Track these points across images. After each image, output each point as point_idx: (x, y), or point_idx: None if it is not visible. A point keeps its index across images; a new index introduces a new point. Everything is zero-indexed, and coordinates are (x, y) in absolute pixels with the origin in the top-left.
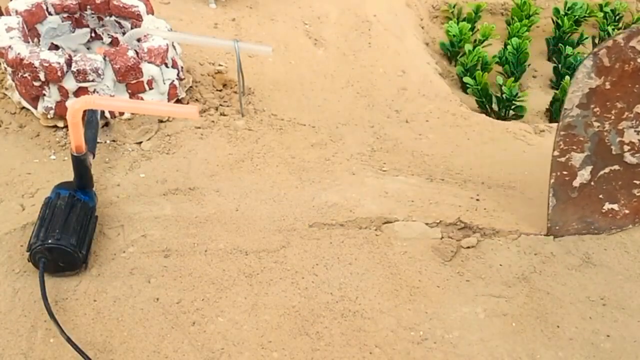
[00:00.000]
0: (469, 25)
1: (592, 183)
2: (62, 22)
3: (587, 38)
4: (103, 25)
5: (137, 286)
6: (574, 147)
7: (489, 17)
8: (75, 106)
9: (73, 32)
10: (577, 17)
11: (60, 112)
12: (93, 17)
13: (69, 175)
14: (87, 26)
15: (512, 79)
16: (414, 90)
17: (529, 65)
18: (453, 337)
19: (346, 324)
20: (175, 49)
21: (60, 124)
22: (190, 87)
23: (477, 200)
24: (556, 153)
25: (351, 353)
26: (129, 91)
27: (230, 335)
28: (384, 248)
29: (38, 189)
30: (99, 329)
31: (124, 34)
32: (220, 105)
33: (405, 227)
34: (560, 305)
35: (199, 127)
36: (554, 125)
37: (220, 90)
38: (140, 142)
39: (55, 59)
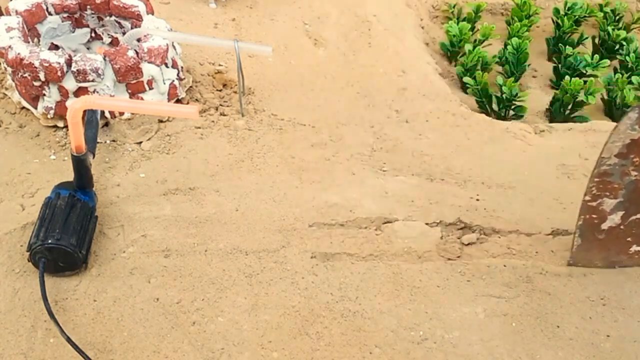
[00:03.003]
0: (469, 25)
1: (622, 227)
2: (62, 22)
3: (587, 38)
4: (103, 25)
5: (137, 286)
6: (607, 194)
7: (489, 17)
8: (75, 106)
9: (73, 32)
10: (577, 17)
11: (60, 112)
12: (93, 17)
13: (69, 175)
14: (87, 26)
15: (512, 79)
16: (414, 90)
17: (529, 65)
18: (453, 337)
19: (346, 324)
20: (175, 49)
21: (60, 124)
22: (190, 87)
23: (477, 200)
24: (587, 198)
25: (351, 353)
26: (129, 91)
27: (230, 335)
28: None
29: (38, 189)
30: (99, 329)
31: (124, 34)
32: (220, 105)
33: (405, 227)
34: (560, 305)
35: (199, 127)
36: (554, 125)
37: (220, 90)
38: (140, 142)
39: (55, 59)
